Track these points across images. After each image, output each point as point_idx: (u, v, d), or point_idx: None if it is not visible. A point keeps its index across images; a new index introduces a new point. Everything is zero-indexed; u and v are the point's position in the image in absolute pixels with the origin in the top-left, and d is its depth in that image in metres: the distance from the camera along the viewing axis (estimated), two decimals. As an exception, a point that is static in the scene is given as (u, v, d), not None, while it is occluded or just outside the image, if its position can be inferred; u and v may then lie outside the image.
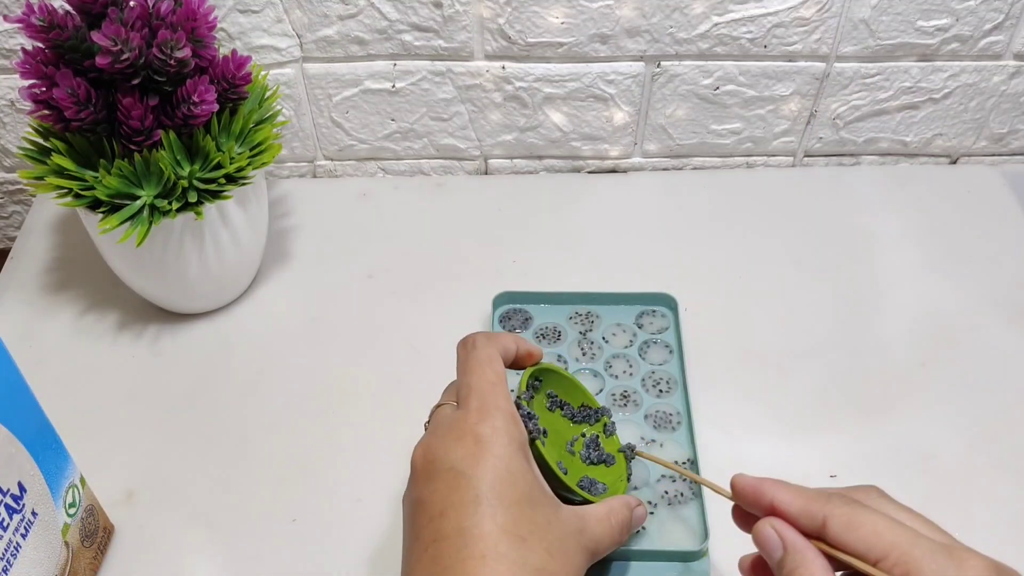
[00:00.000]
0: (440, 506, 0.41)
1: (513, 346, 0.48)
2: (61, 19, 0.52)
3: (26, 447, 0.43)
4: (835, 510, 0.39)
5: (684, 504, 0.53)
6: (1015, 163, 0.80)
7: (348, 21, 0.69)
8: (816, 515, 0.40)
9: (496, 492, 0.40)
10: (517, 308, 0.64)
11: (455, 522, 0.40)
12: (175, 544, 0.53)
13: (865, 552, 0.38)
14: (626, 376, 0.60)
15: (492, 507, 0.40)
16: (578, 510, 0.44)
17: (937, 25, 0.69)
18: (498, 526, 0.39)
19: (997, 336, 0.64)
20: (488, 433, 0.42)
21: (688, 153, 0.78)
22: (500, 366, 0.46)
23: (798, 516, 0.40)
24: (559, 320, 0.64)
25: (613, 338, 0.63)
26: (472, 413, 0.43)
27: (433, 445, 0.43)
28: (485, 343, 0.47)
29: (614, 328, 0.63)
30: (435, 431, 0.44)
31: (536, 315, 0.64)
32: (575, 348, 0.62)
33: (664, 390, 0.59)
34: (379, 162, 0.79)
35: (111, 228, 0.55)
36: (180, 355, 0.64)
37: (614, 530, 0.45)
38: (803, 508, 0.40)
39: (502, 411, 0.43)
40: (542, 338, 0.62)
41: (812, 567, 0.39)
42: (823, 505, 0.40)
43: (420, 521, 0.41)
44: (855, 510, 0.39)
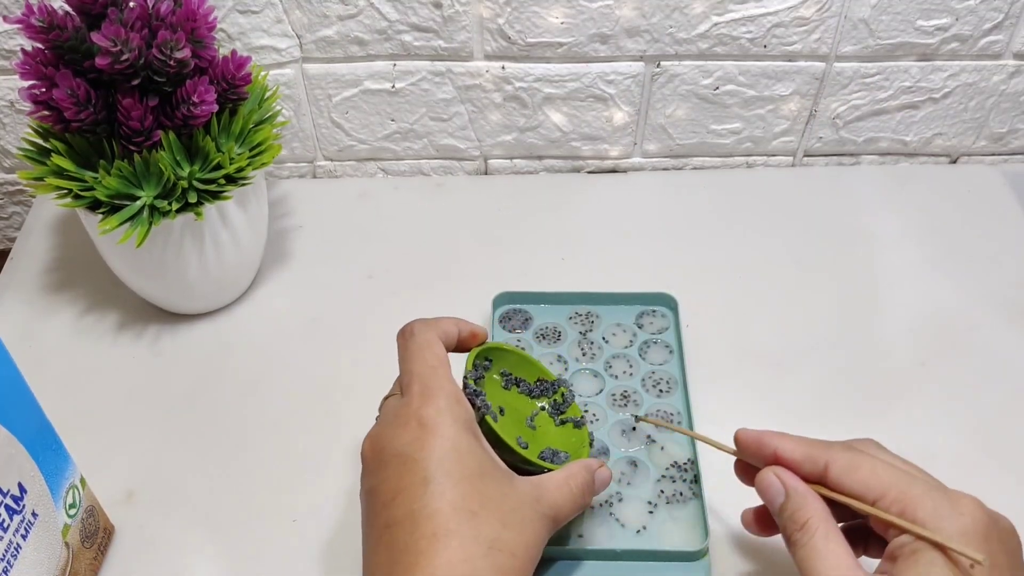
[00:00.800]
0: (391, 492, 0.41)
1: (454, 329, 0.48)
2: (61, 20, 0.52)
3: (26, 448, 0.43)
4: (836, 455, 0.41)
5: (684, 504, 0.53)
6: (1015, 162, 0.80)
7: (348, 21, 0.69)
8: (818, 460, 0.42)
9: (444, 470, 0.41)
10: (517, 308, 0.64)
11: (405, 506, 0.40)
12: (175, 544, 0.53)
13: (864, 493, 0.40)
14: (626, 376, 0.60)
15: (440, 485, 0.40)
16: (534, 479, 0.44)
17: (937, 25, 0.69)
18: (448, 503, 0.40)
19: (997, 336, 0.64)
20: (432, 415, 0.42)
21: (688, 153, 0.78)
22: (440, 349, 0.46)
23: (801, 462, 0.42)
24: (559, 320, 0.64)
25: (613, 338, 0.63)
26: (415, 398, 0.43)
27: (380, 434, 0.43)
28: (423, 329, 0.47)
29: (614, 328, 0.63)
30: (381, 421, 0.45)
31: (536, 315, 0.64)
32: (575, 348, 0.62)
33: (664, 390, 0.59)
34: (379, 162, 0.79)
35: (111, 229, 0.55)
36: (180, 355, 0.64)
37: (574, 494, 0.45)
38: (806, 454, 0.42)
39: (445, 392, 0.43)
40: (542, 338, 0.62)
41: (812, 508, 0.41)
42: (824, 451, 0.42)
43: (374, 509, 0.42)
44: (855, 455, 0.41)
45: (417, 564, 0.38)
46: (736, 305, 0.67)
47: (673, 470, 0.55)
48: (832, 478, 0.41)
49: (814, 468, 0.42)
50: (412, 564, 0.38)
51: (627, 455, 0.55)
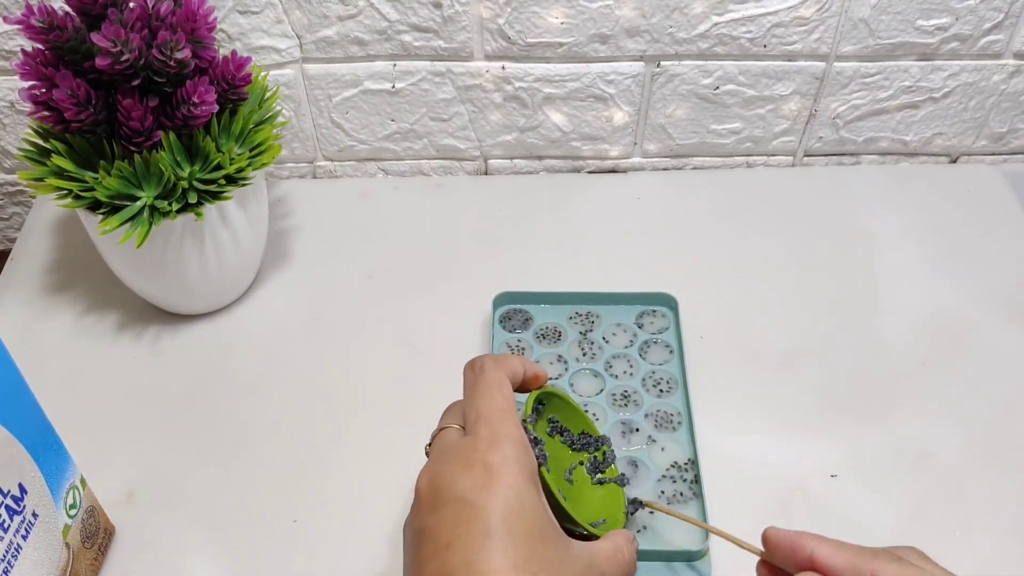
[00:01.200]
0: (447, 537, 0.38)
1: (520, 369, 0.47)
2: (61, 20, 0.52)
3: (26, 448, 0.43)
4: (884, 566, 0.37)
5: (685, 504, 0.53)
6: (1015, 162, 0.80)
7: (348, 22, 0.69)
8: (863, 571, 0.38)
9: (507, 524, 0.38)
10: (517, 308, 0.64)
11: (463, 555, 0.37)
12: (176, 545, 0.53)
13: None
14: (626, 376, 0.60)
15: (502, 540, 0.38)
16: (587, 546, 0.43)
17: (937, 24, 0.69)
18: (508, 561, 0.37)
19: (997, 335, 0.64)
20: (499, 462, 0.40)
21: (688, 153, 0.78)
22: (509, 391, 0.44)
23: (842, 571, 0.38)
24: (559, 320, 0.64)
25: (613, 338, 0.63)
26: (482, 440, 0.41)
27: (440, 472, 0.41)
28: (494, 367, 0.45)
29: (614, 328, 0.63)
30: (441, 457, 0.42)
31: (536, 315, 0.64)
32: (575, 348, 0.62)
33: (664, 390, 0.59)
34: (379, 162, 0.79)
35: (111, 229, 0.55)
36: (180, 356, 0.64)
37: (623, 566, 0.44)
38: (849, 563, 0.38)
39: (512, 439, 0.41)
40: (542, 338, 0.62)
41: None
42: (870, 561, 0.38)
43: (425, 553, 0.39)
44: (904, 567, 0.37)
45: None
46: (736, 305, 0.67)
47: (673, 470, 0.55)
48: None
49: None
50: None
51: (628, 455, 0.55)
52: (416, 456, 0.57)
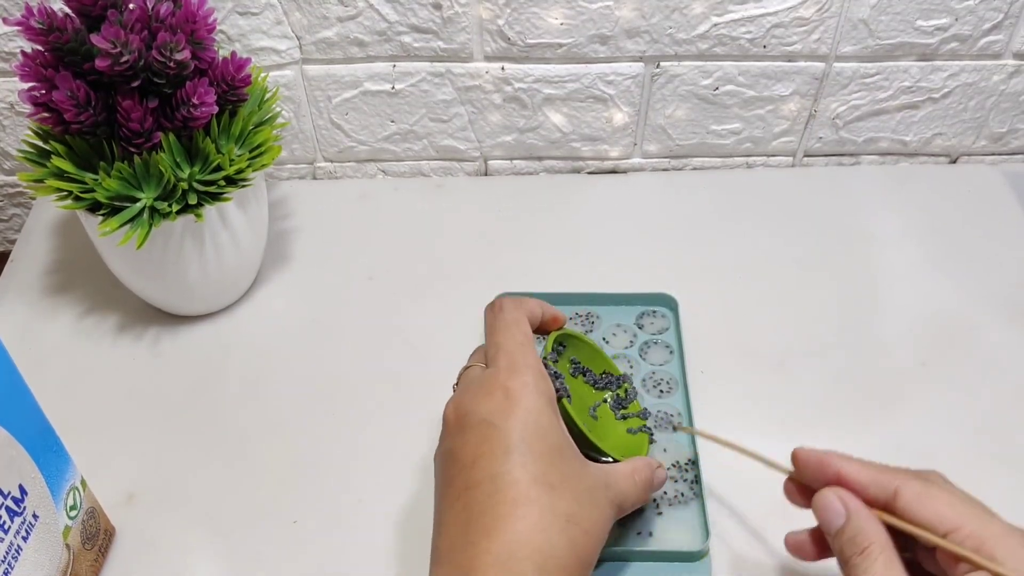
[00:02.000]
0: (472, 456, 0.42)
1: (539, 310, 0.49)
2: (60, 22, 0.52)
3: (27, 449, 0.43)
4: (908, 482, 0.40)
5: (685, 504, 0.53)
6: (1015, 162, 0.80)
7: (347, 23, 0.69)
8: (887, 485, 0.40)
9: (526, 442, 0.41)
10: None
11: (487, 470, 0.41)
12: (176, 546, 0.53)
13: (936, 524, 0.38)
14: None
15: (523, 456, 0.41)
16: (603, 467, 0.45)
17: (936, 25, 0.69)
18: (528, 474, 0.40)
19: (998, 335, 0.64)
20: (518, 387, 0.43)
21: (688, 153, 0.78)
22: (527, 327, 0.47)
23: (867, 485, 0.41)
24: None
25: (613, 338, 0.63)
26: (502, 370, 0.44)
27: (464, 400, 0.44)
28: (513, 307, 0.48)
29: (614, 328, 0.63)
30: (466, 388, 0.45)
31: None
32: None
33: (665, 390, 0.59)
34: (379, 163, 0.79)
35: (111, 230, 0.55)
36: (180, 357, 0.64)
37: (638, 487, 0.46)
38: (873, 478, 0.41)
39: (531, 368, 0.44)
40: (543, 339, 0.62)
41: (874, 533, 0.39)
42: (894, 477, 0.41)
43: (452, 471, 0.42)
44: (928, 484, 0.40)
45: (495, 527, 0.39)
46: (736, 305, 0.67)
47: (674, 470, 0.55)
48: (902, 505, 0.39)
49: (881, 493, 0.40)
50: (490, 527, 0.39)
51: None
52: (417, 455, 0.57)
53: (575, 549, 0.40)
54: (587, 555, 0.41)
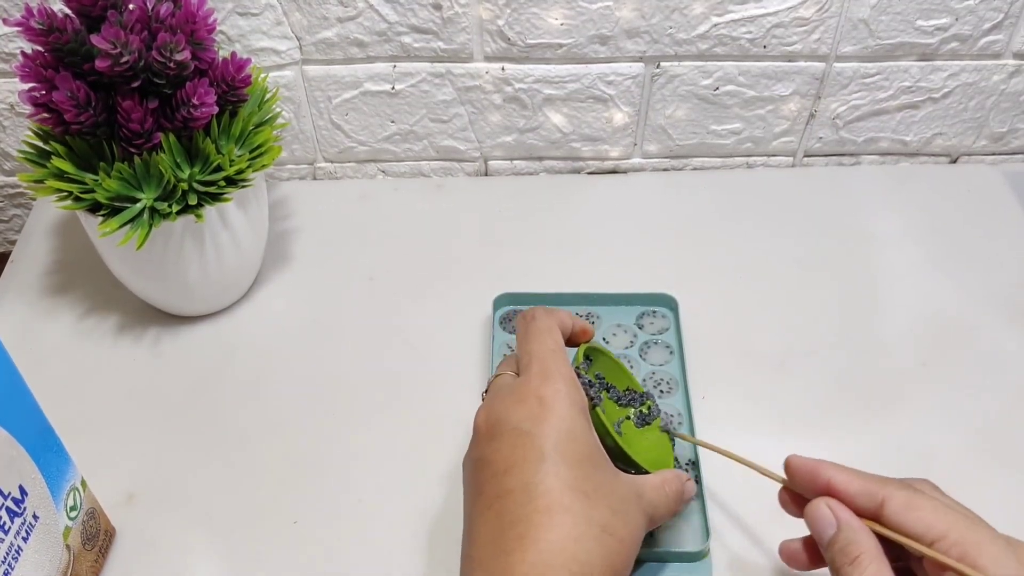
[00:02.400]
0: (504, 464, 0.41)
1: (569, 322, 0.49)
2: (60, 22, 0.52)
3: (27, 450, 0.43)
4: (895, 492, 0.40)
5: (685, 505, 0.53)
6: (1015, 162, 0.80)
7: (347, 23, 0.69)
8: (875, 495, 0.41)
9: (559, 450, 0.41)
10: (518, 309, 0.64)
11: (520, 478, 0.40)
12: (176, 546, 0.53)
13: (923, 533, 0.39)
14: None
15: (556, 464, 0.40)
16: (634, 477, 0.45)
17: (936, 24, 0.69)
18: (562, 482, 0.40)
19: (998, 335, 0.64)
20: (551, 395, 0.43)
21: (688, 153, 0.78)
22: (559, 336, 0.47)
23: (856, 496, 0.41)
24: None
25: (614, 339, 0.63)
26: (534, 377, 0.44)
27: (496, 407, 0.44)
28: (544, 316, 0.48)
29: (615, 329, 0.63)
30: (497, 395, 0.45)
31: None
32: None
33: (665, 391, 0.59)
34: (379, 164, 0.79)
35: (111, 231, 0.55)
36: (181, 357, 0.64)
37: (669, 499, 0.46)
38: (862, 488, 0.41)
39: (563, 376, 0.44)
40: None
41: (865, 543, 0.40)
42: (882, 487, 0.41)
43: (483, 478, 0.42)
44: (915, 493, 0.40)
45: (528, 535, 0.39)
46: (737, 305, 0.67)
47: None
48: (888, 515, 0.40)
49: (870, 503, 0.41)
50: (523, 535, 0.39)
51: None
52: (417, 456, 0.57)
53: (610, 559, 0.40)
54: (622, 566, 0.40)
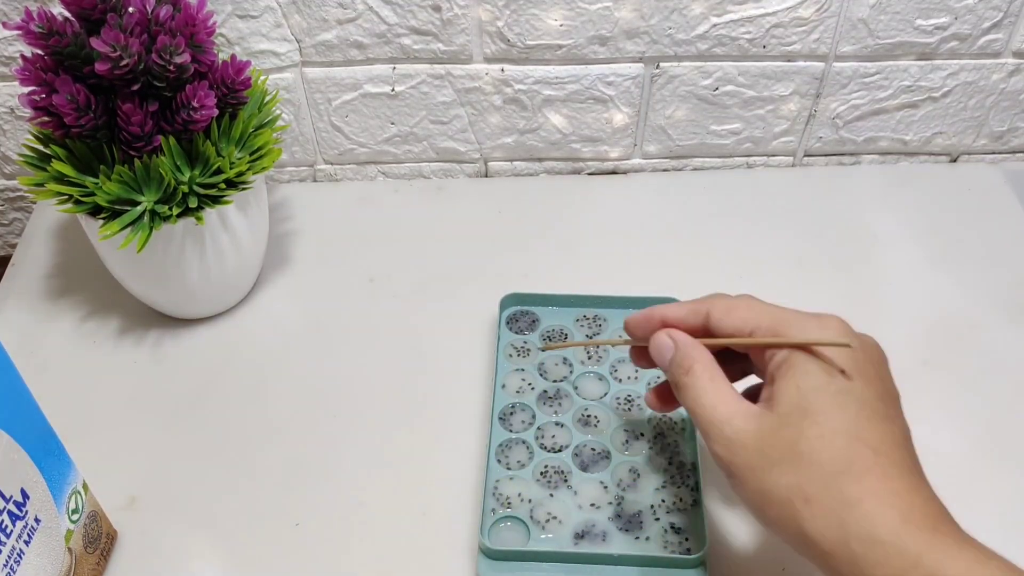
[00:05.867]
0: None
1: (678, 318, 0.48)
2: (60, 26, 0.52)
3: (28, 453, 0.43)
4: (715, 302, 0.45)
5: (684, 511, 0.52)
6: (1015, 161, 0.80)
7: (347, 25, 0.69)
8: (700, 311, 0.46)
9: None
10: (524, 310, 0.64)
11: None
12: (178, 549, 0.53)
13: (741, 328, 0.44)
14: (631, 380, 0.60)
15: None
16: None
17: (936, 24, 0.69)
18: None
19: (998, 334, 0.64)
20: None
21: (688, 154, 0.78)
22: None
23: (685, 317, 0.46)
24: (566, 322, 0.63)
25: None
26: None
27: None
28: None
29: (621, 331, 0.63)
30: None
31: (543, 317, 0.64)
32: (581, 351, 0.62)
33: None
34: (379, 166, 0.79)
35: (112, 234, 0.55)
36: (182, 360, 0.64)
37: None
38: (689, 309, 0.46)
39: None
40: (548, 340, 0.62)
41: (697, 355, 0.44)
42: (705, 303, 0.46)
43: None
44: (732, 299, 0.45)
45: None
46: (737, 306, 0.67)
47: (676, 476, 0.54)
48: (713, 322, 0.45)
49: (698, 320, 0.45)
50: None
51: (628, 460, 0.55)
52: (419, 459, 0.57)
53: None
54: None
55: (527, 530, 0.51)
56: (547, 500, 0.53)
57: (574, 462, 0.55)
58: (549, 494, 0.53)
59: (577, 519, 0.52)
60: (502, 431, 0.56)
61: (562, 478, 0.54)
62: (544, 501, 0.53)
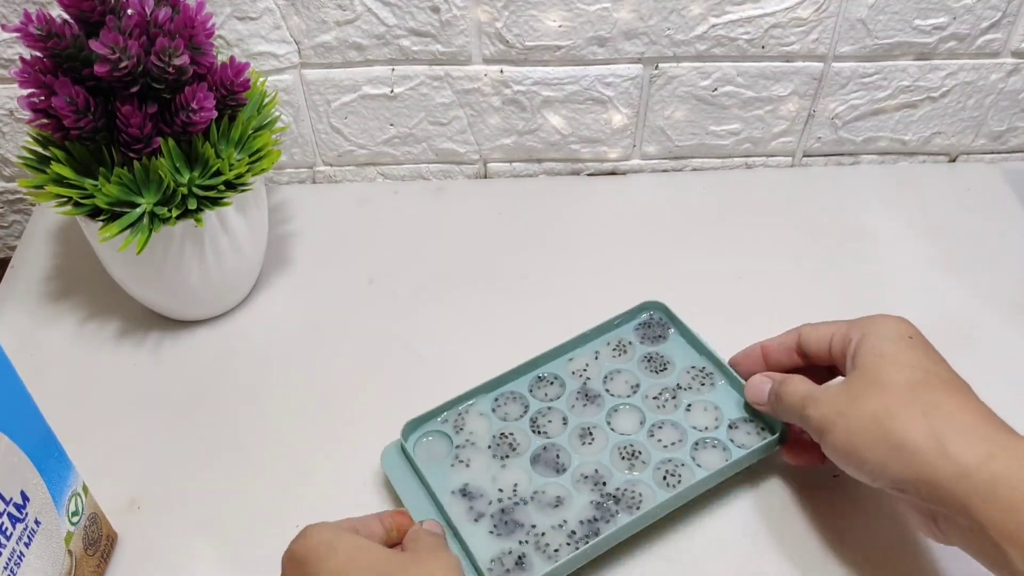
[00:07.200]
0: None
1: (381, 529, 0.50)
2: (59, 28, 0.52)
3: (28, 456, 0.43)
4: (803, 327, 0.54)
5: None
6: (1014, 161, 0.80)
7: (346, 27, 0.69)
8: (792, 333, 0.54)
9: None
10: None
11: None
12: (178, 551, 0.53)
13: (824, 336, 0.52)
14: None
15: None
16: None
17: (934, 24, 0.69)
18: None
19: (998, 334, 0.64)
20: None
21: (687, 154, 0.78)
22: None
23: (782, 340, 0.55)
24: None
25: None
26: None
27: None
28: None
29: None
30: None
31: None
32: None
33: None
34: (378, 167, 0.79)
35: (111, 236, 0.55)
36: (181, 362, 0.64)
37: None
38: (785, 337, 0.55)
39: None
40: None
41: (789, 375, 0.52)
42: (795, 330, 0.54)
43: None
44: (817, 324, 0.53)
45: None
46: (736, 306, 0.67)
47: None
48: (803, 338, 0.53)
49: (791, 339, 0.54)
50: None
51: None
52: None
53: None
54: None
55: None
56: None
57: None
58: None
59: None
60: None
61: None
62: None
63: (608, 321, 0.61)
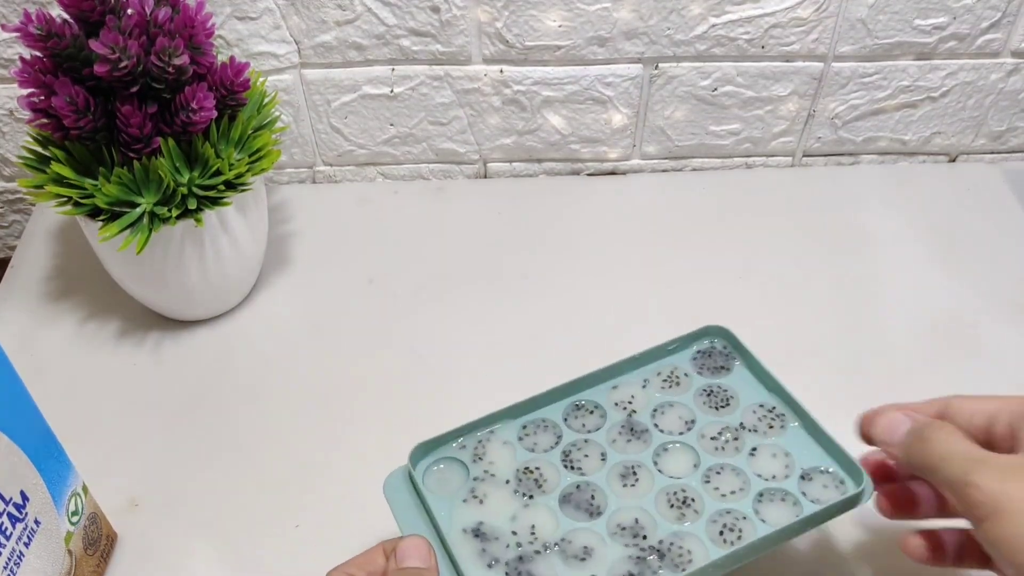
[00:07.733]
0: None
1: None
2: (59, 28, 0.52)
3: (28, 456, 0.43)
4: (953, 399, 0.43)
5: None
6: (1014, 161, 0.80)
7: (346, 27, 0.69)
8: (937, 403, 0.43)
9: None
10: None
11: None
12: (178, 551, 0.53)
13: (983, 407, 0.42)
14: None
15: None
16: None
17: (934, 24, 0.69)
18: None
19: (998, 333, 0.64)
20: None
21: (687, 154, 0.78)
22: None
23: (922, 406, 0.44)
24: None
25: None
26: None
27: None
28: None
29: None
30: None
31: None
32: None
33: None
34: (378, 167, 0.79)
35: (111, 236, 0.55)
36: (181, 362, 0.64)
37: None
38: (923, 406, 0.44)
39: None
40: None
41: (939, 421, 0.42)
42: (941, 400, 0.43)
43: None
44: (972, 396, 0.43)
45: None
46: (736, 306, 0.67)
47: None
48: (954, 408, 0.43)
49: (934, 408, 0.43)
50: None
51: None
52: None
53: None
54: None
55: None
56: None
57: None
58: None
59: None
60: None
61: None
62: None
63: (660, 346, 0.53)
